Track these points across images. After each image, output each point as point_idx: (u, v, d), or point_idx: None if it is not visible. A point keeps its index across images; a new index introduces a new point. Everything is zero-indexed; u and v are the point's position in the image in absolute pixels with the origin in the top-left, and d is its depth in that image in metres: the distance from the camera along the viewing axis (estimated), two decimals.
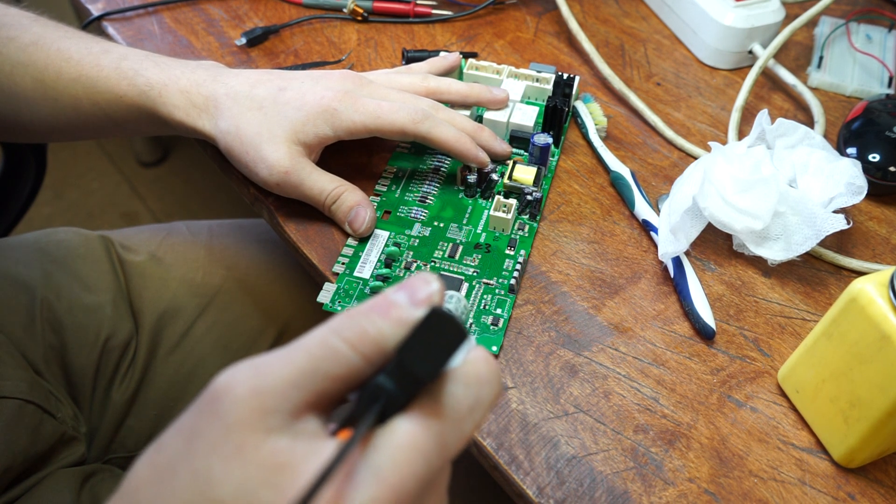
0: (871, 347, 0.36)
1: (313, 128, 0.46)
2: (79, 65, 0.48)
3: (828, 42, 0.64)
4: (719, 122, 0.58)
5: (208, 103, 0.47)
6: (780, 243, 0.47)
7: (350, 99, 0.46)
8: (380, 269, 0.46)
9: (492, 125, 0.53)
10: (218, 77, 0.48)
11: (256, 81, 0.47)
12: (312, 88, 0.46)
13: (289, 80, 0.47)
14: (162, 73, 0.47)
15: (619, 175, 0.51)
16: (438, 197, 0.51)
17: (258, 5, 0.64)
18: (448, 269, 0.47)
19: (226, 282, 0.63)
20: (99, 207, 1.43)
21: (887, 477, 0.40)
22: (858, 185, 0.47)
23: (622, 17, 0.66)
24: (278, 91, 0.47)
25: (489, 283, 0.46)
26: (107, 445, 0.59)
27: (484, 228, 0.49)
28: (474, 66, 0.57)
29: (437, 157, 0.53)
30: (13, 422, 0.50)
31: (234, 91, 0.47)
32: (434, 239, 0.48)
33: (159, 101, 0.47)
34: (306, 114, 0.46)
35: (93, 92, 0.48)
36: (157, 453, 0.24)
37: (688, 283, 0.45)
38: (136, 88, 0.47)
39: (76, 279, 0.59)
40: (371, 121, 0.46)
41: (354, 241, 0.48)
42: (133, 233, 0.66)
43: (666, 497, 0.39)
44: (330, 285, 0.46)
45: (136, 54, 0.49)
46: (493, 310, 0.45)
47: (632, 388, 0.43)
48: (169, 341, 0.61)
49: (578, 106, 0.56)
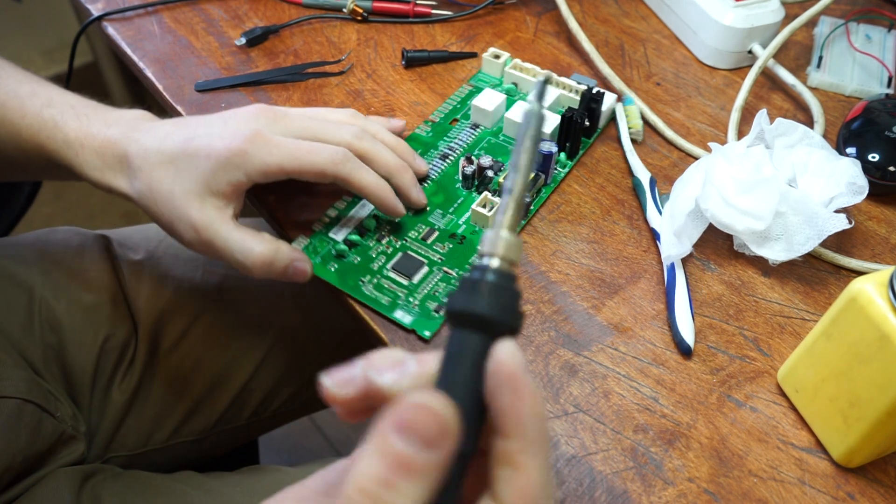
0: (871, 347, 0.36)
1: (224, 175, 0.42)
2: (4, 107, 0.46)
3: (827, 42, 0.64)
4: (719, 122, 0.58)
5: (122, 164, 0.45)
6: (782, 243, 0.47)
7: (261, 139, 0.43)
8: (351, 236, 0.48)
9: (511, 125, 0.54)
10: (130, 134, 0.45)
11: (166, 135, 0.44)
12: (220, 132, 0.43)
13: (196, 128, 0.44)
14: (80, 128, 0.46)
15: (638, 181, 0.51)
16: (436, 182, 0.52)
17: (258, 5, 0.64)
18: (416, 250, 0.47)
19: (226, 282, 0.63)
20: (99, 207, 1.43)
21: (887, 476, 0.40)
22: (860, 185, 0.47)
23: (622, 16, 0.66)
24: (186, 141, 0.43)
25: (449, 272, 0.47)
26: (106, 444, 0.59)
27: (466, 221, 0.49)
28: (518, 66, 0.57)
29: (448, 144, 0.54)
30: (12, 421, 0.50)
31: (144, 149, 0.44)
32: (415, 220, 0.49)
33: (76, 160, 0.45)
34: (215, 162, 0.42)
35: (16, 138, 0.46)
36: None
37: (675, 297, 0.45)
38: (53, 142, 0.46)
39: (75, 279, 0.59)
40: (287, 161, 0.43)
41: (342, 205, 0.49)
42: (132, 232, 0.66)
43: (666, 497, 0.39)
44: (303, 239, 0.48)
45: (62, 101, 0.47)
46: (440, 298, 0.45)
47: (631, 387, 0.43)
48: (168, 341, 0.61)
49: (617, 108, 0.56)
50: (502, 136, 0.55)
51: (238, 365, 0.63)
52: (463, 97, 0.58)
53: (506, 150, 0.54)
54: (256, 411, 0.65)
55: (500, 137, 0.55)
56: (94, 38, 1.38)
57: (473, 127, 0.55)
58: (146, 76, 0.58)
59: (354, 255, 0.47)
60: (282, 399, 0.66)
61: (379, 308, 0.45)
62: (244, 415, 0.65)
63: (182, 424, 0.62)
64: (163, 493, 0.54)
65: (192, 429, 0.62)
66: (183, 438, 0.62)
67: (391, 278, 0.46)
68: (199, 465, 0.63)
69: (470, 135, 0.55)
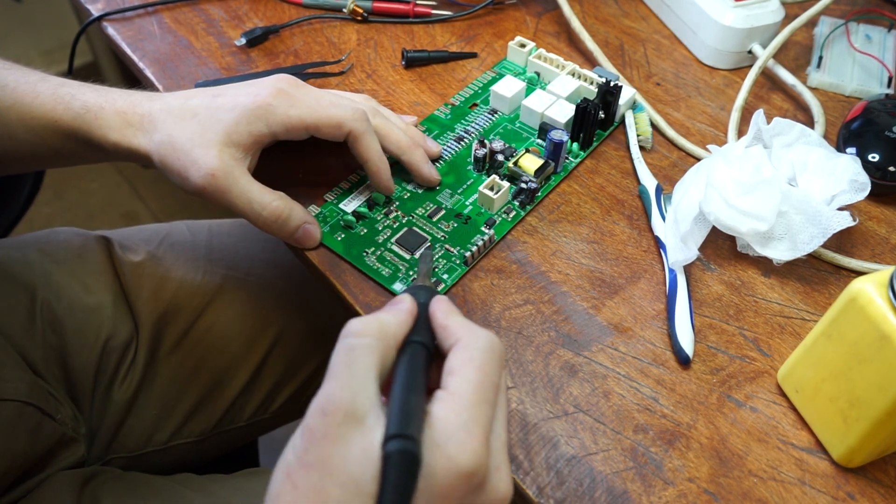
0: (871, 347, 0.36)
1: (247, 126, 0.44)
2: (14, 91, 0.47)
3: (827, 42, 0.64)
4: (719, 122, 0.58)
5: (143, 120, 0.45)
6: (785, 243, 0.47)
7: (284, 95, 0.45)
8: (360, 208, 0.49)
9: (528, 112, 0.55)
10: (154, 96, 0.47)
11: (192, 94, 0.46)
12: (246, 90, 0.45)
13: (224, 88, 0.46)
14: (99, 96, 0.46)
15: (644, 189, 0.51)
16: (449, 163, 0.53)
17: (258, 5, 0.64)
18: (421, 226, 0.49)
19: (226, 282, 0.63)
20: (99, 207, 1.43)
21: (887, 476, 0.40)
22: (861, 182, 0.47)
23: (622, 17, 0.66)
24: (212, 98, 0.45)
25: (451, 249, 0.48)
26: (107, 446, 0.59)
27: (473, 202, 0.50)
28: (542, 56, 0.58)
29: (465, 128, 0.55)
30: (12, 424, 0.50)
31: (169, 105, 0.46)
32: (424, 197, 0.51)
33: (94, 123, 0.46)
34: (239, 114, 0.44)
35: (28, 118, 0.47)
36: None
37: (675, 305, 0.45)
38: (71, 112, 0.46)
39: (76, 280, 0.59)
40: (308, 114, 0.45)
41: (355, 178, 0.51)
42: (133, 233, 0.66)
43: (666, 497, 0.39)
44: (314, 207, 0.50)
45: (76, 82, 0.48)
46: (440, 273, 0.47)
47: (631, 387, 0.43)
48: (169, 341, 0.61)
49: (627, 114, 0.56)
50: (519, 122, 0.56)
51: (238, 365, 0.63)
52: (485, 83, 0.59)
53: (521, 136, 0.55)
54: (257, 412, 0.65)
55: (517, 124, 0.56)
56: (94, 38, 1.38)
57: (492, 112, 0.56)
58: (146, 76, 0.58)
59: (361, 227, 0.49)
60: (282, 399, 0.66)
61: (379, 279, 0.46)
62: (244, 415, 0.65)
63: (182, 425, 0.62)
64: (163, 495, 0.54)
65: (192, 430, 0.62)
66: (183, 440, 0.62)
67: (394, 251, 0.47)
68: (200, 466, 0.63)
69: (487, 119, 0.56)
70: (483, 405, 0.30)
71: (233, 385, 0.63)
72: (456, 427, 0.29)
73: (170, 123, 0.45)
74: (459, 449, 0.29)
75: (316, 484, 0.28)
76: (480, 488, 0.30)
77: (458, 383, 0.31)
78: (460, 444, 0.29)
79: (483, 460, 0.29)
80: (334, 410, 0.28)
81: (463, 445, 0.29)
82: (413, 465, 0.27)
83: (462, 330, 0.33)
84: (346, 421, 0.28)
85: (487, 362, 0.32)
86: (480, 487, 0.30)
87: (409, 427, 0.28)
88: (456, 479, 0.29)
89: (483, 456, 0.29)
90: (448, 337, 0.33)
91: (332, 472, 0.28)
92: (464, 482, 0.29)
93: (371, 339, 0.31)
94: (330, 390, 0.29)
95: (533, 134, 0.55)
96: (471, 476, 0.29)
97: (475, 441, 0.29)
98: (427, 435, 0.29)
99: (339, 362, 0.30)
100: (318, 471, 0.28)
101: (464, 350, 0.32)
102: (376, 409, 0.29)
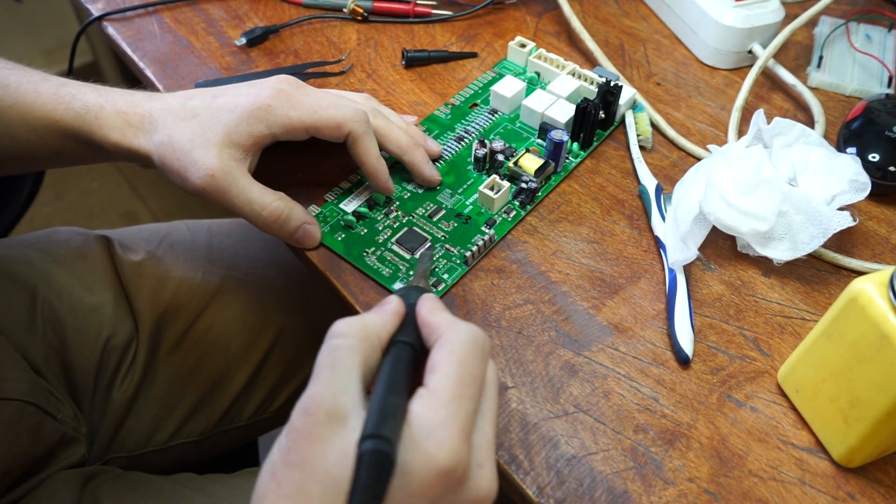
0: (871, 347, 0.36)
1: (247, 127, 0.44)
2: (16, 91, 0.47)
3: (827, 42, 0.64)
4: (719, 122, 0.58)
5: (144, 121, 0.46)
6: (786, 243, 0.47)
7: (285, 96, 0.45)
8: (360, 208, 0.49)
9: (528, 112, 0.55)
10: (154, 96, 0.47)
11: (192, 94, 0.46)
12: (247, 91, 0.45)
13: (224, 88, 0.46)
14: (100, 96, 0.47)
15: (644, 189, 0.51)
16: (449, 162, 0.53)
17: (258, 5, 0.64)
18: (421, 226, 0.49)
19: (226, 282, 0.63)
20: (99, 207, 1.43)
21: (887, 476, 0.40)
22: (862, 182, 0.47)
23: (622, 16, 0.66)
24: (212, 98, 0.45)
25: (451, 249, 0.48)
26: (107, 445, 0.59)
27: (473, 202, 0.50)
28: (542, 56, 0.58)
29: (465, 128, 0.55)
30: (13, 423, 0.50)
31: (169, 105, 0.46)
32: (424, 197, 0.51)
33: (95, 123, 0.46)
34: (239, 115, 0.44)
35: (29, 118, 0.47)
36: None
37: (675, 306, 0.45)
38: (72, 112, 0.46)
39: (77, 279, 0.59)
40: (308, 116, 0.45)
41: (355, 178, 0.51)
42: (133, 232, 0.66)
43: (666, 497, 0.39)
44: (314, 208, 0.50)
45: (77, 82, 0.48)
46: (440, 273, 0.47)
47: (631, 387, 0.43)
48: (169, 341, 0.61)
49: (627, 114, 0.56)
50: (519, 122, 0.56)
51: (238, 365, 0.63)
52: (485, 83, 0.59)
53: (521, 136, 0.55)
54: (257, 412, 0.65)
55: (517, 124, 0.56)
56: (94, 38, 1.38)
57: (492, 112, 0.56)
58: (146, 76, 0.58)
59: (362, 227, 0.49)
60: (282, 399, 0.66)
61: (379, 279, 0.46)
62: (244, 415, 0.65)
63: (182, 425, 0.62)
64: (163, 495, 0.54)
65: (192, 429, 0.62)
66: (183, 439, 0.62)
67: (394, 251, 0.47)
68: (200, 466, 0.63)
69: (487, 119, 0.56)
70: (462, 400, 0.30)
71: (233, 385, 0.63)
72: (434, 425, 0.29)
73: (170, 124, 0.45)
74: (437, 447, 0.29)
75: (298, 483, 0.28)
76: (460, 486, 0.30)
77: (438, 379, 0.31)
78: (438, 442, 0.29)
79: (462, 457, 0.29)
80: (316, 410, 0.29)
81: (441, 443, 0.29)
82: (386, 465, 0.27)
83: (444, 326, 0.33)
84: (327, 421, 0.28)
85: (467, 356, 0.31)
86: (460, 485, 0.30)
87: (384, 427, 0.28)
88: (434, 478, 0.29)
89: (462, 453, 0.29)
90: (431, 333, 0.33)
91: (312, 471, 0.28)
92: (442, 480, 0.29)
93: (354, 340, 0.31)
94: (313, 391, 0.29)
95: (533, 134, 0.55)
96: (449, 473, 0.29)
97: (454, 438, 0.29)
98: (406, 433, 0.29)
99: (323, 363, 0.30)
100: (300, 470, 0.28)
101: (444, 345, 0.32)
102: (359, 409, 0.29)
